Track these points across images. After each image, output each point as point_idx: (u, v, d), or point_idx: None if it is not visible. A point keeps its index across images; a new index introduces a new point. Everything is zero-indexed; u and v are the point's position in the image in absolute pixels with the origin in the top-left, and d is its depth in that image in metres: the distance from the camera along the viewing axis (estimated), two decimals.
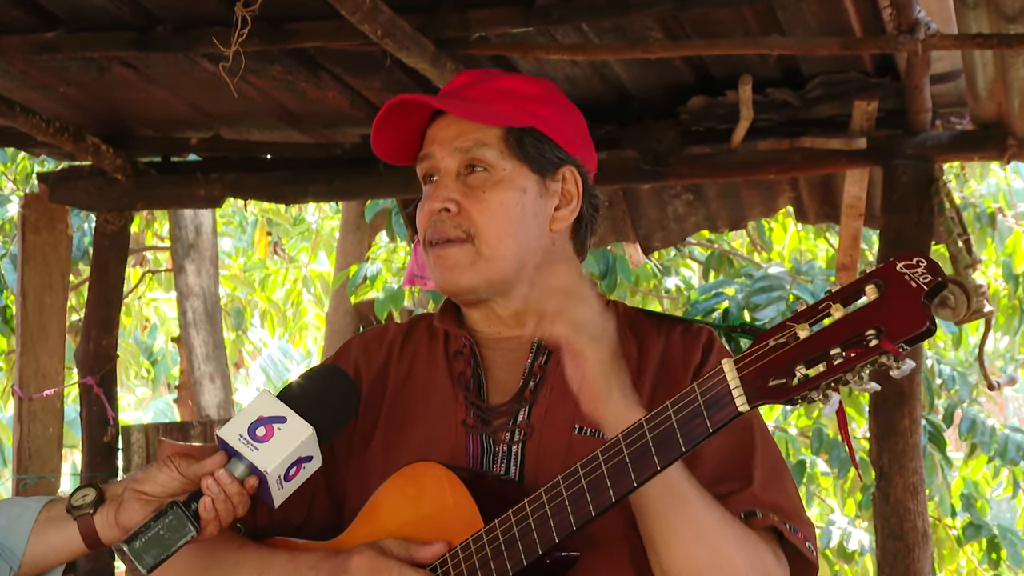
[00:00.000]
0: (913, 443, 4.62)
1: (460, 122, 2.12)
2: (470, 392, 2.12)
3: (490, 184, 2.09)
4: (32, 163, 10.14)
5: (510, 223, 2.09)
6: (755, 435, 2.06)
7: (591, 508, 1.84)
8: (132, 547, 1.89)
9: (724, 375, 1.77)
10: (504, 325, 2.16)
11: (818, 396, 1.72)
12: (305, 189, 5.28)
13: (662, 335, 2.15)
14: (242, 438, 1.93)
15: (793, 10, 3.99)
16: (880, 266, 1.70)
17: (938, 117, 4.68)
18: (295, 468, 1.96)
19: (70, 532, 1.99)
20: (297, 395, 1.99)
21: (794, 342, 1.73)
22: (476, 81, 2.19)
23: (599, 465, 1.84)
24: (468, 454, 2.08)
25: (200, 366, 9.14)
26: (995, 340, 11.49)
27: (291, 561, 2.02)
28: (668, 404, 1.81)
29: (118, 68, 4.51)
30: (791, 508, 2.03)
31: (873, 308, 1.68)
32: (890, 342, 1.65)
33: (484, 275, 2.09)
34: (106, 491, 2.01)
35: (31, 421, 5.56)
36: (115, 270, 5.61)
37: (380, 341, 2.25)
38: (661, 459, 1.80)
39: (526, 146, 2.11)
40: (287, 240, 13.76)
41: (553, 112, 2.17)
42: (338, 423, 2.04)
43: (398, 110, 2.13)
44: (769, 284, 6.59)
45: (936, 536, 8.14)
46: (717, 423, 1.77)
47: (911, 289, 1.67)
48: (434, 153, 2.13)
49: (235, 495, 1.93)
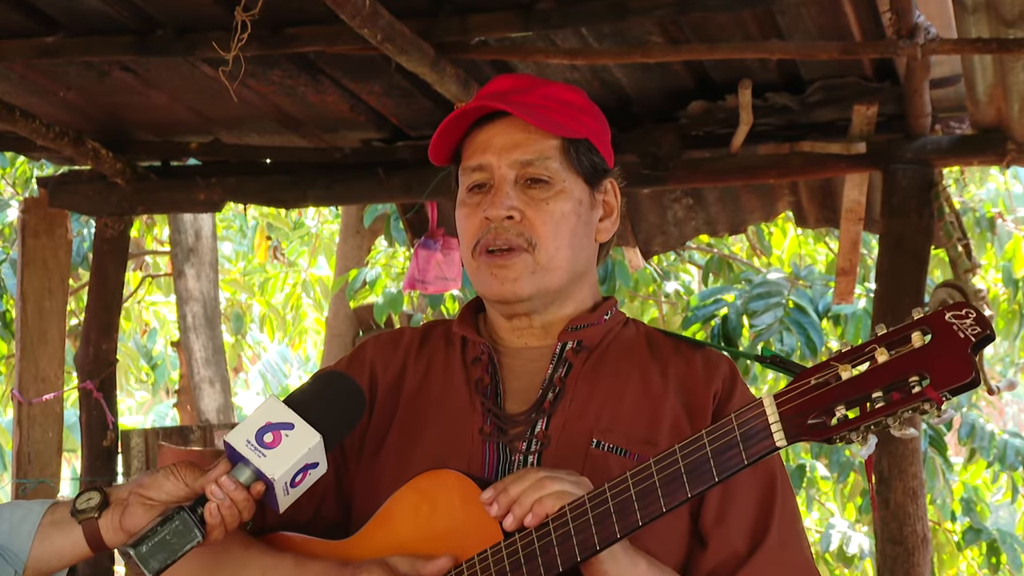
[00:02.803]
0: (912, 448, 4.62)
1: (515, 131, 2.11)
2: (487, 399, 2.11)
3: (552, 195, 2.09)
4: (32, 167, 10.14)
5: (568, 234, 2.10)
6: (777, 488, 2.07)
7: (616, 529, 1.83)
8: (139, 551, 1.90)
9: (764, 409, 1.78)
10: (529, 332, 2.16)
11: (857, 438, 1.73)
12: (305, 193, 5.29)
13: (681, 356, 2.15)
14: (250, 444, 1.93)
15: (793, 15, 4.00)
16: (928, 313, 1.71)
17: (938, 121, 4.68)
18: (301, 475, 1.96)
19: (74, 535, 1.99)
20: (304, 401, 1.98)
21: (836, 382, 1.74)
22: (525, 87, 2.18)
23: (628, 488, 1.83)
24: (484, 462, 2.07)
25: (200, 370, 9.14)
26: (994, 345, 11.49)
27: (297, 567, 2.02)
28: (703, 433, 1.81)
29: (118, 72, 4.51)
30: (805, 568, 2.05)
31: (919, 355, 1.69)
32: (934, 390, 1.67)
33: (542, 284, 2.10)
34: (110, 495, 2.01)
35: (31, 425, 5.56)
36: (115, 274, 5.62)
37: (396, 344, 2.24)
38: (692, 486, 1.81)
39: (581, 157, 2.12)
40: (287, 244, 13.75)
41: (598, 124, 2.19)
42: (344, 429, 2.03)
43: (452, 116, 2.13)
44: (767, 291, 6.60)
45: (936, 540, 8.14)
46: (752, 456, 1.78)
47: (959, 340, 1.68)
48: (491, 163, 2.11)
49: (241, 501, 1.93)
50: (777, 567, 2.02)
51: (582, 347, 2.13)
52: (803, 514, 8.83)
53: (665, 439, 2.03)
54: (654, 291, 9.24)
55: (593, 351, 2.14)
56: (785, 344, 6.44)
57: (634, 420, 2.05)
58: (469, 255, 2.13)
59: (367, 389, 2.18)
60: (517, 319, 2.15)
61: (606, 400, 2.07)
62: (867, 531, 8.10)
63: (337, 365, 2.25)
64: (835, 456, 7.73)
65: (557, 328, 2.15)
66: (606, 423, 2.05)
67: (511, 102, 2.13)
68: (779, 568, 2.02)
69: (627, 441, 2.03)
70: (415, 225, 5.90)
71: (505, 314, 2.16)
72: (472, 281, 2.16)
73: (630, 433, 2.04)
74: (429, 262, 5.83)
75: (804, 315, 6.46)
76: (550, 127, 2.09)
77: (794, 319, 6.43)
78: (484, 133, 2.13)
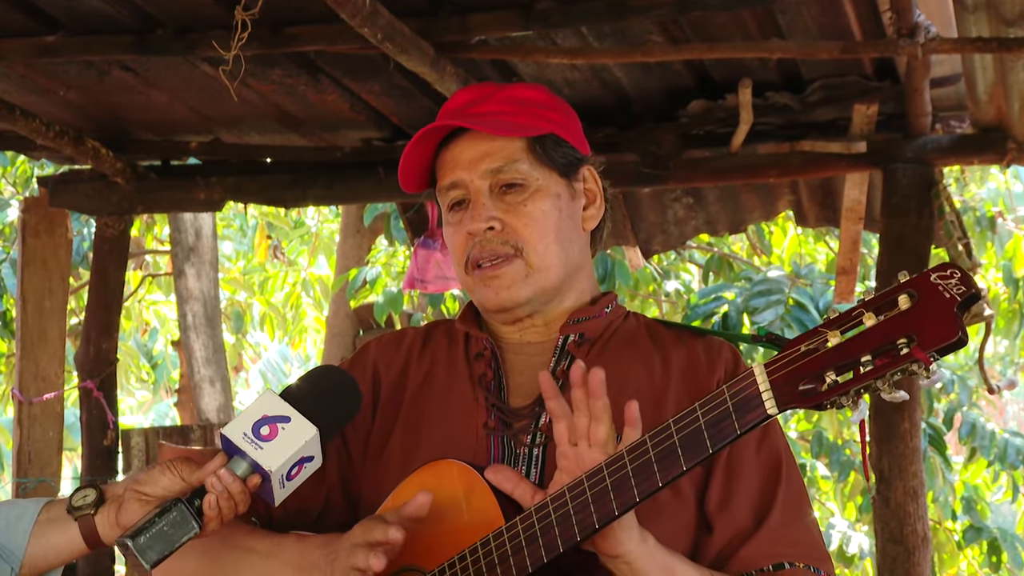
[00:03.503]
0: (913, 447, 4.62)
1: (480, 142, 2.12)
2: (491, 394, 2.12)
3: (528, 196, 2.10)
4: (32, 167, 10.13)
5: (553, 230, 2.11)
6: (782, 467, 2.08)
7: (615, 507, 1.84)
8: (136, 542, 1.90)
9: (754, 378, 1.78)
10: (535, 331, 2.17)
11: (847, 402, 1.74)
12: (305, 193, 5.29)
13: (684, 345, 2.16)
14: (246, 437, 1.94)
15: (793, 14, 4.00)
16: (914, 276, 1.72)
17: (938, 121, 4.68)
18: (297, 468, 1.96)
19: (71, 532, 2.00)
20: (300, 395, 1.99)
21: (825, 348, 1.74)
22: (483, 97, 2.19)
23: (624, 464, 1.84)
24: (489, 456, 2.08)
25: (200, 370, 9.14)
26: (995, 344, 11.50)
27: (299, 542, 2.03)
28: (696, 405, 1.82)
29: (118, 72, 4.51)
30: (810, 543, 2.06)
31: (905, 317, 1.70)
32: (921, 350, 1.67)
33: (538, 285, 2.11)
34: (106, 491, 2.01)
35: (31, 425, 5.56)
36: (115, 274, 5.62)
37: (399, 344, 2.25)
38: (687, 459, 1.81)
39: (549, 152, 2.13)
40: (287, 244, 13.75)
41: (562, 116, 2.19)
42: (340, 423, 2.04)
43: (414, 140, 2.13)
44: (768, 288, 6.60)
45: (936, 540, 8.14)
46: (745, 425, 1.78)
47: (944, 299, 1.68)
48: (462, 179, 2.12)
49: (238, 493, 1.94)
50: (782, 544, 2.03)
51: (584, 340, 2.14)
52: None
53: None
54: (654, 290, 9.24)
55: (595, 343, 2.15)
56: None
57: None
58: (463, 273, 2.15)
59: (370, 390, 2.19)
60: (519, 321, 2.16)
61: (609, 391, 2.07)
62: (867, 530, 8.10)
63: (340, 366, 2.24)
64: (835, 456, 7.73)
65: (558, 322, 2.16)
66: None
67: (469, 114, 2.15)
68: (784, 545, 2.03)
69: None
70: (415, 224, 5.90)
71: (507, 321, 2.17)
72: (472, 298, 2.18)
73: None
74: (429, 261, 5.83)
75: (805, 312, 6.45)
76: (509, 131, 2.11)
77: (795, 316, 6.43)
78: (451, 151, 2.15)
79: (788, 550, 2.03)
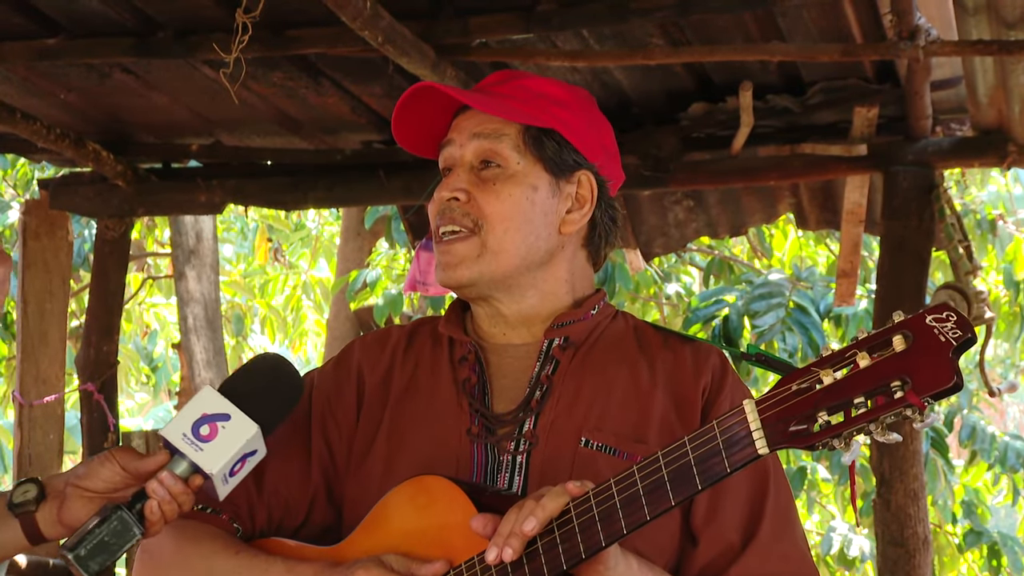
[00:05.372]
0: (914, 449, 4.62)
1: (481, 117, 2.12)
2: (475, 399, 2.09)
3: (502, 178, 2.08)
4: (33, 169, 10.14)
5: (518, 217, 2.08)
6: (770, 480, 2.06)
7: (601, 538, 1.82)
8: (76, 554, 1.84)
9: (745, 416, 1.76)
10: (510, 328, 2.13)
11: (839, 444, 1.71)
12: (305, 195, 5.29)
13: (670, 349, 2.13)
14: (186, 437, 1.89)
15: (793, 16, 4.00)
16: (909, 317, 1.69)
17: (938, 123, 4.68)
18: (240, 463, 1.92)
19: (12, 530, 1.94)
20: (240, 389, 1.95)
21: (818, 387, 1.72)
22: (508, 79, 2.19)
23: (612, 495, 1.82)
24: (473, 463, 2.05)
25: (201, 372, 9.13)
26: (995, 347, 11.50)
27: (288, 572, 1.99)
28: (686, 440, 1.80)
29: (119, 74, 4.51)
30: (800, 558, 2.04)
31: (901, 359, 1.67)
32: (916, 395, 1.65)
33: (488, 268, 2.07)
34: (48, 486, 1.95)
35: (32, 427, 5.56)
36: (116, 276, 5.61)
37: (383, 344, 2.21)
38: (676, 495, 1.79)
39: (544, 146, 2.11)
40: (287, 246, 13.75)
41: (578, 119, 2.17)
42: (282, 414, 2.00)
43: (425, 102, 2.13)
44: (768, 291, 6.60)
45: (937, 543, 8.14)
46: (735, 464, 1.76)
47: (939, 343, 1.66)
48: (454, 140, 2.13)
49: (180, 494, 1.91)
50: (772, 560, 2.01)
51: (569, 343, 2.11)
52: (804, 516, 8.84)
53: (654, 435, 2.02)
54: (655, 293, 9.24)
55: (580, 347, 2.11)
56: (787, 344, 6.44)
57: (623, 417, 2.04)
58: (435, 245, 2.14)
59: (355, 392, 2.16)
60: (483, 307, 2.14)
61: (594, 397, 2.06)
62: (868, 533, 8.09)
63: (324, 367, 2.23)
64: (836, 458, 7.73)
65: (537, 324, 2.13)
66: (595, 421, 2.03)
67: (479, 90, 2.16)
68: (774, 561, 2.01)
69: (616, 439, 2.02)
70: (416, 227, 5.90)
71: (467, 300, 2.16)
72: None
73: (619, 431, 2.03)
74: (430, 264, 5.83)
75: (806, 315, 6.46)
76: (506, 114, 2.10)
77: (796, 319, 6.43)
78: (457, 119, 2.15)
79: (779, 567, 2.01)
